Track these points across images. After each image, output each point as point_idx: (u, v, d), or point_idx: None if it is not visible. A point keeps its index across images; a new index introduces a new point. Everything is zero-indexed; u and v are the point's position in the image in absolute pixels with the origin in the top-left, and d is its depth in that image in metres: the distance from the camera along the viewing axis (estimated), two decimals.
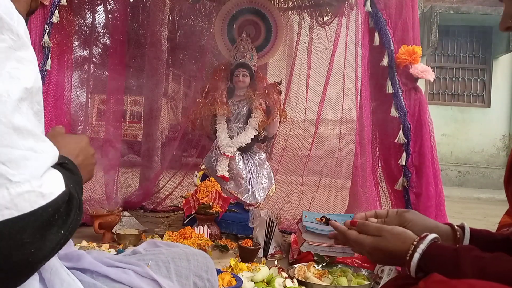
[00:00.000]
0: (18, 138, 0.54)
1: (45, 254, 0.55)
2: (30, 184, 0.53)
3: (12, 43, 0.57)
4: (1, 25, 0.56)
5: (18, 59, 0.58)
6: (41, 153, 0.57)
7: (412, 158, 1.90)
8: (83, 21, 3.93)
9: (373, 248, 0.89)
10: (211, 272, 0.90)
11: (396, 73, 1.92)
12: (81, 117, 3.66)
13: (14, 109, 0.55)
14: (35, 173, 0.54)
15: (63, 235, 0.57)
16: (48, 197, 0.55)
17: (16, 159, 0.53)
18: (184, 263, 0.85)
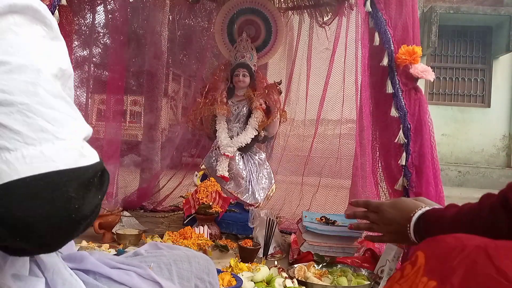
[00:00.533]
0: (59, 103, 0.56)
1: (86, 214, 0.56)
2: (74, 142, 0.56)
3: (45, 34, 0.60)
4: (37, 17, 0.59)
5: (52, 47, 0.60)
6: (80, 121, 0.59)
7: (412, 158, 1.90)
8: (83, 21, 3.93)
9: (390, 204, 1.02)
10: (213, 275, 0.90)
11: (396, 73, 1.92)
12: None
13: (49, 79, 0.57)
14: (78, 135, 0.57)
15: (99, 200, 0.59)
16: (89, 159, 0.57)
17: (60, 120, 0.55)
18: (186, 265, 0.85)
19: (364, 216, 1.08)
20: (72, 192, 0.54)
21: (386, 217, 1.01)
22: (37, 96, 0.54)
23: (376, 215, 1.04)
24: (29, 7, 0.58)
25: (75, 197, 0.54)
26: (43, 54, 0.58)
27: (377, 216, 1.04)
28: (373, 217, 1.05)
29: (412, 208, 0.95)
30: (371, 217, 1.06)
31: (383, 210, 1.02)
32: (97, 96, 6.30)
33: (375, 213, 1.05)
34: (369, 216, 1.07)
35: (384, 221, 1.02)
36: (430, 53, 8.03)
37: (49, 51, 0.59)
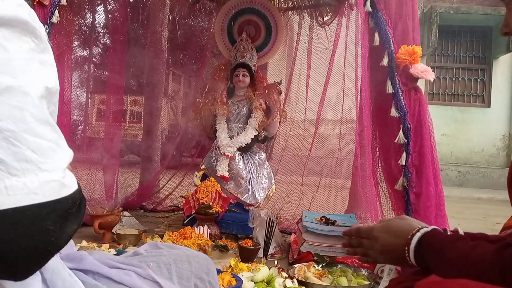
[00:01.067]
0: (45, 130, 0.56)
1: (60, 245, 0.57)
2: (56, 174, 0.55)
3: (34, 46, 0.59)
4: (26, 28, 0.58)
5: (40, 61, 0.60)
6: (64, 148, 0.59)
7: (412, 158, 1.90)
8: (83, 21, 3.93)
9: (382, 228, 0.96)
10: (212, 275, 0.90)
11: (396, 73, 1.92)
12: (81, 117, 3.66)
13: (39, 103, 0.56)
14: (60, 165, 0.57)
15: (75, 229, 0.59)
16: (69, 189, 0.57)
17: (45, 149, 0.55)
18: (186, 265, 0.84)
19: (358, 244, 1.02)
20: (50, 224, 0.54)
21: (380, 243, 0.95)
22: (24, 123, 0.53)
23: (370, 241, 0.99)
24: (18, 19, 0.57)
25: (53, 230, 0.54)
26: (31, 73, 0.57)
27: (369, 242, 0.99)
28: (366, 243, 1.00)
29: (408, 230, 0.90)
30: (365, 243, 1.00)
31: (375, 236, 0.96)
32: (97, 96, 6.31)
33: (367, 239, 1.00)
34: (363, 243, 1.01)
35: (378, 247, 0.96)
36: (430, 53, 8.03)
37: (37, 68, 0.59)
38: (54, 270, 0.72)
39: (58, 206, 0.55)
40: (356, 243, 1.04)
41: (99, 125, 5.97)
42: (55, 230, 0.54)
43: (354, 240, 1.05)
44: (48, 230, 0.53)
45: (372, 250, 0.99)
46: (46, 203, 0.53)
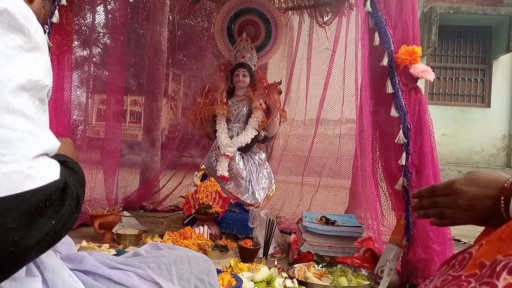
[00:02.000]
0: (12, 119, 0.52)
1: (29, 245, 0.50)
2: (19, 164, 0.50)
3: (22, 43, 0.58)
4: (12, 25, 0.57)
5: (27, 58, 0.58)
6: (38, 137, 0.55)
7: (412, 158, 1.90)
8: (83, 21, 3.93)
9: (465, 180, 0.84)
10: (213, 276, 0.90)
11: (396, 73, 1.92)
12: (81, 117, 3.66)
13: (11, 93, 0.54)
14: (27, 155, 0.52)
15: (54, 226, 0.53)
16: (39, 181, 0.52)
17: (9, 139, 0.51)
18: (186, 266, 0.84)
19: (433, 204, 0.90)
20: (10, 222, 0.48)
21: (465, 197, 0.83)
22: None
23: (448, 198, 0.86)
24: (5, 12, 0.56)
25: (14, 228, 0.48)
26: (12, 66, 0.55)
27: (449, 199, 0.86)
28: (444, 201, 0.87)
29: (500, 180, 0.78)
30: (442, 201, 0.88)
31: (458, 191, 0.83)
32: (97, 96, 6.31)
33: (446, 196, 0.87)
34: (439, 202, 0.89)
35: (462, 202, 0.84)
36: (430, 53, 8.03)
37: (22, 62, 0.57)
38: (54, 270, 0.72)
39: (22, 201, 0.49)
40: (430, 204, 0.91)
41: (99, 125, 5.96)
42: (19, 229, 0.48)
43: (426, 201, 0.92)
44: (8, 229, 0.48)
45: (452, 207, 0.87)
46: (5, 198, 0.48)
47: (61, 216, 0.55)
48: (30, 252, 0.52)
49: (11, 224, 0.48)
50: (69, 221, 0.57)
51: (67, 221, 0.56)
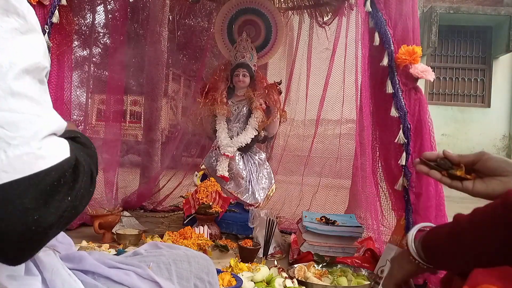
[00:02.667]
0: (18, 102, 0.53)
1: (50, 222, 0.52)
2: (29, 146, 0.51)
3: (18, 26, 0.57)
4: (6, 8, 0.56)
5: (24, 40, 0.57)
6: (45, 118, 0.55)
7: (412, 158, 1.89)
8: (83, 21, 3.93)
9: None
10: (212, 275, 0.90)
11: (396, 73, 1.92)
12: (81, 117, 3.66)
13: (15, 77, 0.54)
14: (36, 136, 0.53)
15: (70, 202, 0.55)
16: (50, 160, 0.53)
17: (17, 122, 0.52)
18: (185, 265, 0.84)
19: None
20: (28, 203, 0.50)
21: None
22: None
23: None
24: None
25: (32, 208, 0.50)
26: (11, 49, 0.55)
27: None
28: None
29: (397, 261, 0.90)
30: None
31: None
32: (97, 96, 6.32)
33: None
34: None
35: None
36: (430, 53, 8.03)
37: (19, 45, 0.56)
38: (54, 270, 0.71)
39: (37, 181, 0.51)
40: None
41: (99, 125, 5.97)
42: (37, 208, 0.50)
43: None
44: (26, 209, 0.49)
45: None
46: (20, 180, 0.49)
47: (77, 192, 0.56)
48: (52, 229, 0.53)
49: (30, 204, 0.49)
50: (85, 196, 0.58)
51: (83, 196, 0.58)
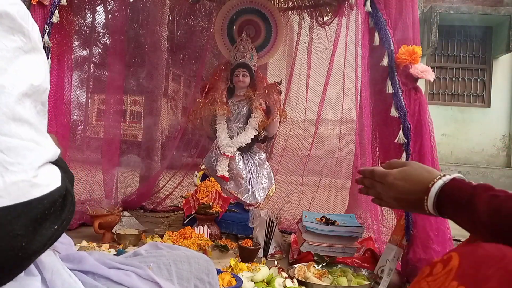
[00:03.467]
0: (18, 128, 0.54)
1: (35, 250, 0.53)
2: (26, 174, 0.53)
3: (22, 45, 0.58)
4: (13, 26, 0.57)
5: (27, 60, 0.58)
6: (42, 145, 0.57)
7: (412, 158, 1.90)
8: (83, 21, 3.93)
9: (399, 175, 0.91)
10: (212, 275, 0.89)
11: (396, 73, 1.92)
12: (81, 117, 3.66)
13: (17, 101, 0.54)
14: (33, 164, 0.54)
15: (56, 230, 0.56)
16: (44, 189, 0.54)
17: (16, 148, 0.53)
18: (186, 266, 0.84)
19: (371, 185, 0.97)
20: (19, 229, 0.50)
21: (395, 191, 0.90)
22: None
23: (383, 186, 0.93)
24: (5, 15, 0.56)
25: (22, 234, 0.51)
26: (13, 71, 0.55)
27: (384, 187, 0.93)
28: (380, 187, 0.94)
29: (429, 178, 0.85)
30: (378, 187, 0.95)
31: (390, 183, 0.91)
32: (97, 96, 6.32)
33: (381, 184, 0.94)
34: (376, 186, 0.95)
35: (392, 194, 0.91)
36: (430, 53, 8.03)
37: (22, 66, 0.57)
38: (54, 270, 0.71)
39: (29, 208, 0.52)
40: (369, 184, 0.98)
41: (99, 125, 5.97)
42: (26, 235, 0.51)
43: (367, 180, 0.99)
44: (16, 236, 0.50)
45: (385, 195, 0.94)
46: (13, 206, 0.50)
47: (62, 221, 0.58)
48: (35, 256, 0.55)
49: (19, 230, 0.50)
50: (67, 223, 0.60)
51: (66, 224, 0.59)
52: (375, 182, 0.96)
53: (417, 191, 0.86)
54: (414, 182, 0.88)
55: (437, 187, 0.83)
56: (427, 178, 0.86)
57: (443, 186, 0.83)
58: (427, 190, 0.84)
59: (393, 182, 0.91)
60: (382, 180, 0.94)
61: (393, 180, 0.91)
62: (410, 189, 0.88)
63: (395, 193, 0.91)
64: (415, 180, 0.88)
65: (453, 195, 0.82)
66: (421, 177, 0.87)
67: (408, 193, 0.89)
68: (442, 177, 0.85)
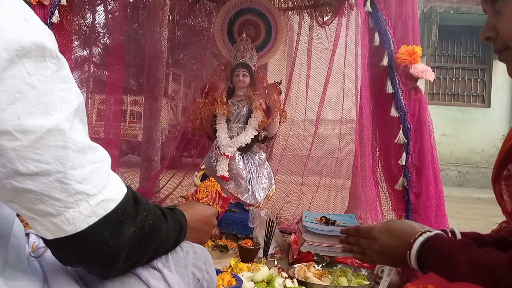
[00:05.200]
0: (84, 157, 0.63)
1: (122, 246, 0.68)
2: (103, 195, 0.65)
3: (55, 68, 0.61)
4: (44, 54, 0.59)
5: (62, 80, 0.62)
6: (100, 162, 0.67)
7: (412, 158, 1.90)
8: (83, 21, 3.93)
9: (383, 228, 0.95)
10: (209, 264, 0.89)
11: (396, 73, 1.92)
12: None
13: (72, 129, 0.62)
14: (104, 184, 0.66)
15: (134, 232, 0.69)
16: (116, 200, 0.67)
17: (87, 175, 0.63)
18: (182, 253, 0.84)
19: (356, 242, 1.01)
20: (106, 234, 0.65)
21: (379, 244, 0.94)
22: (68, 160, 0.61)
23: (368, 241, 0.97)
24: (36, 46, 0.58)
25: (108, 237, 0.66)
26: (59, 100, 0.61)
27: (368, 242, 0.97)
28: (365, 243, 0.98)
29: (411, 233, 0.89)
30: (363, 242, 0.99)
31: (375, 237, 0.95)
32: (97, 96, 6.31)
33: (366, 239, 0.98)
34: (361, 242, 1.00)
35: (377, 248, 0.95)
36: (430, 53, 8.03)
37: (61, 90, 0.62)
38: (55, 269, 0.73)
39: (109, 219, 0.66)
40: (354, 242, 1.03)
41: (99, 125, 5.97)
42: (112, 237, 0.66)
43: (352, 238, 1.04)
44: (104, 239, 0.65)
45: (370, 250, 0.98)
46: (99, 220, 0.64)
47: (138, 224, 0.70)
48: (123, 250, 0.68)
49: (106, 235, 0.65)
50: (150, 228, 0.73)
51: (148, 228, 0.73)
52: (360, 238, 1.00)
53: (400, 246, 0.90)
54: (397, 236, 0.91)
55: (418, 243, 0.87)
56: (410, 233, 0.90)
57: (424, 241, 0.87)
58: (409, 245, 0.88)
59: (378, 236, 0.95)
60: (367, 235, 0.98)
61: (378, 234, 0.95)
62: (394, 244, 0.92)
63: (380, 247, 0.94)
64: (398, 234, 0.92)
65: (434, 250, 0.85)
66: (404, 231, 0.91)
67: (392, 247, 0.92)
68: (423, 234, 0.88)
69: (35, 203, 0.60)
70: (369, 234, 0.97)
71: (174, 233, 0.82)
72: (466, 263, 0.77)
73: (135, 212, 0.70)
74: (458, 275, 0.78)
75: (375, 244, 0.95)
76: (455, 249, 0.81)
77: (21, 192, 0.59)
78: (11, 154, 0.56)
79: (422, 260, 0.86)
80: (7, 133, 0.55)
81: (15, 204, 0.61)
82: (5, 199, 0.61)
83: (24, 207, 0.61)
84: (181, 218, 0.87)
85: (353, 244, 1.04)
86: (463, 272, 0.77)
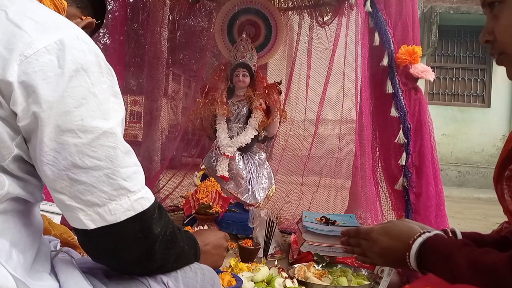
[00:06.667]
0: (129, 158, 0.73)
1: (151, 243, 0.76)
2: (141, 193, 0.74)
3: (110, 83, 0.73)
4: (102, 71, 0.72)
5: (114, 94, 0.74)
6: (139, 166, 0.76)
7: (412, 158, 1.90)
8: None
9: (381, 230, 0.96)
10: (217, 287, 0.92)
11: (396, 73, 1.92)
12: None
13: (121, 133, 0.73)
14: (142, 183, 0.75)
15: (160, 232, 0.77)
16: (150, 200, 0.76)
17: (131, 174, 0.73)
18: (192, 274, 0.88)
19: (357, 244, 1.02)
20: (138, 227, 0.74)
21: (379, 246, 0.95)
22: (117, 159, 0.71)
23: (368, 242, 0.99)
24: (95, 63, 0.71)
25: (139, 230, 0.74)
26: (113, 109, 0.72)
27: (368, 244, 0.98)
28: (365, 245, 0.99)
29: (410, 234, 0.90)
30: (363, 244, 1.00)
31: (374, 239, 0.96)
32: None
33: (366, 241, 0.99)
34: (362, 244, 1.01)
35: (376, 250, 0.96)
36: (430, 53, 8.03)
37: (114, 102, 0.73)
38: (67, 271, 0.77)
39: (143, 215, 0.74)
40: (354, 243, 1.04)
41: None
42: (143, 232, 0.75)
43: (352, 240, 1.05)
44: (136, 231, 0.74)
45: (370, 251, 0.98)
46: (136, 215, 0.73)
47: (163, 225, 0.78)
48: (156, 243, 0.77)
49: (138, 228, 0.74)
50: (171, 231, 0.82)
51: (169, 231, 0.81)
52: (360, 240, 1.02)
53: (399, 247, 0.91)
54: (396, 238, 0.93)
55: (417, 244, 0.88)
56: (408, 234, 0.91)
57: (423, 242, 0.88)
58: (408, 247, 0.89)
59: (377, 238, 0.96)
60: (367, 236, 0.99)
61: (377, 236, 0.96)
62: (393, 245, 0.93)
63: (379, 249, 0.96)
64: (397, 235, 0.93)
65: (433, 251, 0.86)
66: (402, 233, 0.92)
67: (391, 249, 0.93)
68: (422, 234, 0.89)
69: (84, 194, 0.69)
70: (369, 236, 0.98)
71: (189, 248, 0.89)
72: (465, 264, 0.78)
73: (160, 215, 0.78)
74: (458, 275, 0.79)
75: (374, 246, 0.96)
76: (454, 249, 0.82)
77: (74, 182, 0.68)
78: (72, 149, 0.67)
79: (422, 261, 0.87)
80: (71, 131, 0.66)
81: (65, 196, 0.69)
82: (58, 190, 0.69)
83: (74, 198, 0.69)
84: (194, 237, 0.95)
85: (354, 246, 1.04)
86: (462, 273, 0.77)
